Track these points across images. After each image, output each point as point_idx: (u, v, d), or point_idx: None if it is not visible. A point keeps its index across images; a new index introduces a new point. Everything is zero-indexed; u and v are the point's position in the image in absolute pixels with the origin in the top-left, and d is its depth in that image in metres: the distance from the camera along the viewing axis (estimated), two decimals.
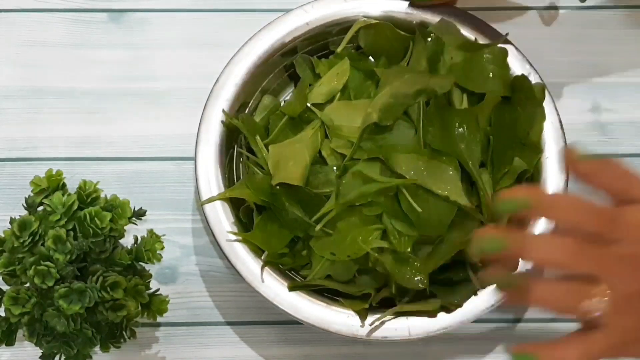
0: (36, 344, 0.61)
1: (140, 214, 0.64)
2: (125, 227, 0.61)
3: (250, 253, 0.65)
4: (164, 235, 0.64)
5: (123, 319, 0.62)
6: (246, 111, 0.71)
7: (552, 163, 0.68)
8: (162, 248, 0.63)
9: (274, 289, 0.64)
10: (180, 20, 0.81)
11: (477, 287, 0.64)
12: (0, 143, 0.76)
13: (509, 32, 0.71)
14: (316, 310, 0.64)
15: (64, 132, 0.76)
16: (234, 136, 0.70)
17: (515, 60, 0.70)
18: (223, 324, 0.71)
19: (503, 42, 0.70)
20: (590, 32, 0.81)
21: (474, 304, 0.64)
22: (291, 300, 0.64)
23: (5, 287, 0.61)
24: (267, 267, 0.64)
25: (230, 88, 0.69)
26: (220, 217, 0.66)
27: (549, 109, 0.69)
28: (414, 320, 0.64)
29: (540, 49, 0.75)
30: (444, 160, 0.65)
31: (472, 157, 0.65)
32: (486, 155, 0.66)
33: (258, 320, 0.71)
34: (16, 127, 0.76)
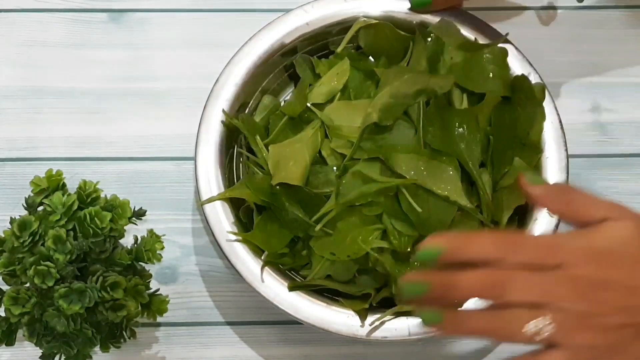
0: (36, 344, 0.61)
1: (140, 214, 0.64)
2: (125, 227, 0.61)
3: (250, 253, 0.65)
4: (164, 235, 0.64)
5: (123, 319, 0.62)
6: (246, 111, 0.71)
7: (552, 163, 0.68)
8: (162, 248, 0.63)
9: (274, 289, 0.64)
10: (180, 20, 0.81)
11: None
12: (0, 143, 0.76)
13: (509, 32, 0.71)
14: (316, 310, 0.64)
15: (64, 132, 0.76)
16: (234, 136, 0.70)
17: (515, 60, 0.70)
18: (223, 324, 0.71)
19: (503, 42, 0.70)
20: (590, 32, 0.81)
21: (474, 304, 0.64)
22: (291, 300, 0.64)
23: (5, 287, 0.61)
24: (267, 267, 0.64)
25: (230, 88, 0.69)
26: (220, 217, 0.66)
27: (549, 109, 0.69)
28: (414, 320, 0.63)
29: (540, 49, 0.75)
30: (444, 160, 0.65)
31: (472, 157, 0.65)
32: (486, 155, 0.66)
33: (258, 320, 0.71)
34: (16, 127, 0.76)
